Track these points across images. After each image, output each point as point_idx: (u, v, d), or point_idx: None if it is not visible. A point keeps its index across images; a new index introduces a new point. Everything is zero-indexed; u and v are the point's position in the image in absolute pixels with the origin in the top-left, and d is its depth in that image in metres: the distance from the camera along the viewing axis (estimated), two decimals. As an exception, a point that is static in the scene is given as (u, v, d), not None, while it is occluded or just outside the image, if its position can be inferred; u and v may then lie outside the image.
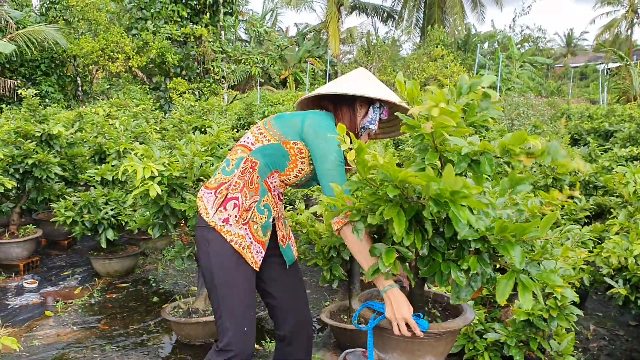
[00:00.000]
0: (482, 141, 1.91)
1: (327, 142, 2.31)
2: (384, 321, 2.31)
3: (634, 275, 3.75)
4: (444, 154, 1.96)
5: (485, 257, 2.07)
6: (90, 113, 7.76)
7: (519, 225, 1.86)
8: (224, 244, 2.41)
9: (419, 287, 2.42)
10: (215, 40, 16.01)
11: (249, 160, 2.42)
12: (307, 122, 2.39)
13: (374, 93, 2.39)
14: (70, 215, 5.45)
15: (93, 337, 4.51)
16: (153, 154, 4.25)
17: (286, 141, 2.40)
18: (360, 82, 2.43)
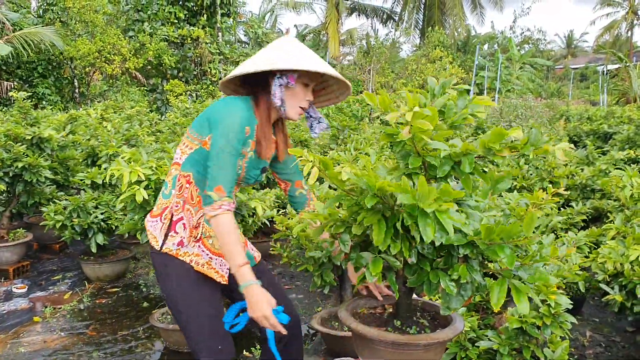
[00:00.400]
0: (463, 142, 1.85)
1: (217, 127, 2.13)
2: (373, 331, 2.26)
3: (630, 281, 3.68)
4: (427, 158, 1.89)
5: (474, 263, 2.01)
6: (83, 115, 7.67)
7: (504, 227, 1.81)
8: (182, 266, 2.31)
9: (406, 297, 2.36)
10: (212, 42, 15.95)
11: (182, 176, 2.29)
12: (208, 111, 2.25)
13: (269, 64, 2.12)
14: (60, 219, 5.37)
15: (80, 344, 4.43)
16: (141, 157, 4.18)
17: (204, 141, 2.22)
18: (266, 56, 2.18)
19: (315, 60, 2.16)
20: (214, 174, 2.11)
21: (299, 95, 2.24)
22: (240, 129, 2.15)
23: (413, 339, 2.23)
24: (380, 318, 2.51)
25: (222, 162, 2.11)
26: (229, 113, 2.15)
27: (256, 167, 2.39)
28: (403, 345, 2.24)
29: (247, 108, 2.21)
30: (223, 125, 2.12)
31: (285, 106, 2.23)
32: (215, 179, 2.10)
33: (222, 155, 2.11)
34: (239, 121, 2.15)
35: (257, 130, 2.26)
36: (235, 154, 2.14)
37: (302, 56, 2.15)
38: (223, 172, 2.11)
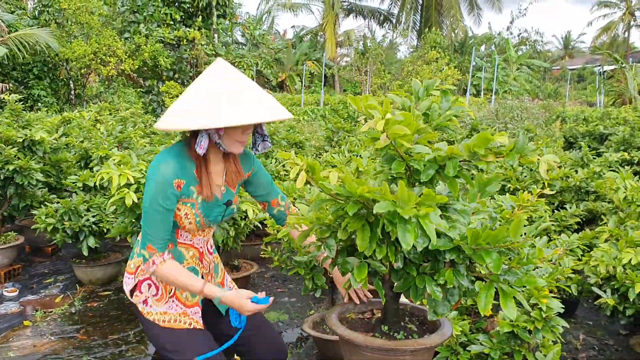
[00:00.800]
0: (448, 146, 1.82)
1: (146, 187, 2.15)
2: (360, 337, 2.23)
3: (622, 284, 3.66)
4: (410, 162, 1.86)
5: (460, 268, 1.99)
6: (76, 117, 7.64)
7: (490, 232, 1.79)
8: (153, 324, 2.36)
9: (393, 302, 2.33)
10: (208, 44, 15.92)
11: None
12: None
13: (190, 122, 2.02)
14: (51, 222, 5.34)
15: (70, 348, 4.40)
16: (130, 160, 4.16)
17: None
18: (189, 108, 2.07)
19: (241, 109, 2.03)
20: (144, 233, 2.16)
21: (236, 134, 2.18)
22: (165, 186, 2.11)
23: (400, 344, 2.20)
24: (368, 323, 2.49)
25: (149, 220, 2.13)
26: (155, 172, 2.12)
27: (216, 206, 2.35)
28: (390, 350, 2.22)
29: (177, 160, 2.16)
30: (149, 184, 2.12)
31: (224, 145, 2.18)
32: (145, 238, 2.15)
33: (149, 214, 2.12)
34: (164, 179, 2.11)
35: (197, 174, 2.22)
36: (161, 210, 2.12)
37: (229, 105, 2.02)
38: (151, 230, 2.13)
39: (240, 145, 2.21)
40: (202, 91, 2.09)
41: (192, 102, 2.08)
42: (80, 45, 15.92)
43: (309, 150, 8.79)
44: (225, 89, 2.07)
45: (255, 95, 2.10)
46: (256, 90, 2.14)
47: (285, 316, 5.07)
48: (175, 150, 2.20)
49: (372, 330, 2.41)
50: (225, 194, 2.37)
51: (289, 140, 8.64)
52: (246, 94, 2.08)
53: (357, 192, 1.68)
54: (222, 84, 2.09)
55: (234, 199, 2.43)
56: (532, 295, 3.22)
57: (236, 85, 2.10)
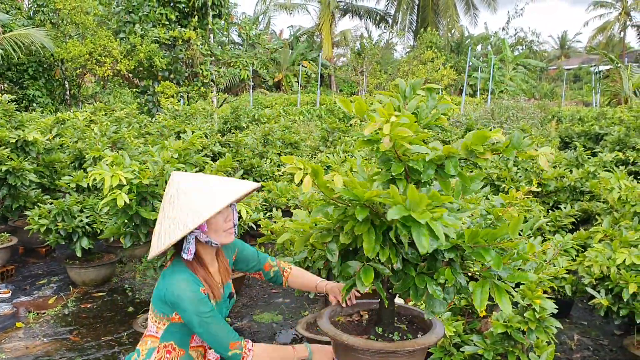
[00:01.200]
0: (445, 145, 1.81)
1: (183, 309, 2.15)
2: (355, 340, 2.21)
3: (616, 285, 3.65)
4: (409, 163, 1.84)
5: (456, 266, 1.98)
6: (70, 118, 7.61)
7: (489, 230, 1.78)
8: None
9: (391, 303, 2.32)
10: (204, 44, 15.87)
11: (161, 347, 2.29)
12: (161, 294, 2.22)
13: (172, 236, 2.12)
14: (44, 223, 5.31)
15: (63, 350, 4.38)
16: (123, 161, 4.13)
17: (172, 317, 2.23)
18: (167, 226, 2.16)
19: (208, 203, 2.12)
20: (217, 342, 2.17)
21: (219, 223, 2.23)
22: (199, 296, 2.16)
23: (401, 345, 2.19)
24: (359, 325, 2.47)
25: (213, 330, 2.16)
26: (183, 293, 2.15)
27: (223, 302, 2.40)
28: (391, 352, 2.21)
29: (186, 274, 2.21)
30: (185, 305, 2.14)
31: (213, 240, 2.24)
32: (222, 343, 2.17)
33: (209, 326, 2.15)
34: (194, 292, 2.15)
35: (202, 280, 2.26)
36: (213, 314, 2.17)
37: (200, 203, 2.13)
38: (222, 333, 2.18)
39: (229, 234, 2.28)
40: (174, 204, 2.17)
41: (167, 219, 2.17)
42: (75, 45, 15.85)
43: (304, 151, 8.78)
44: (197, 187, 2.18)
45: (218, 182, 2.22)
46: (215, 178, 2.24)
47: (280, 317, 5.05)
48: (180, 267, 2.24)
49: (364, 332, 2.40)
50: (225, 288, 2.43)
51: (284, 141, 8.63)
52: (209, 185, 2.19)
53: (365, 196, 1.66)
54: (187, 188, 2.18)
55: (232, 289, 2.49)
56: (526, 295, 3.21)
57: (198, 182, 2.20)
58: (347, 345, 2.25)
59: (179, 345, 2.30)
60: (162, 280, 2.26)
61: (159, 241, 2.17)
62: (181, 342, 2.29)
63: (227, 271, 2.46)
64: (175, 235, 2.10)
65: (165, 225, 2.18)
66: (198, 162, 4.67)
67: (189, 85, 15.97)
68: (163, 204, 2.23)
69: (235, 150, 7.24)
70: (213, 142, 7.41)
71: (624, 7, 45.56)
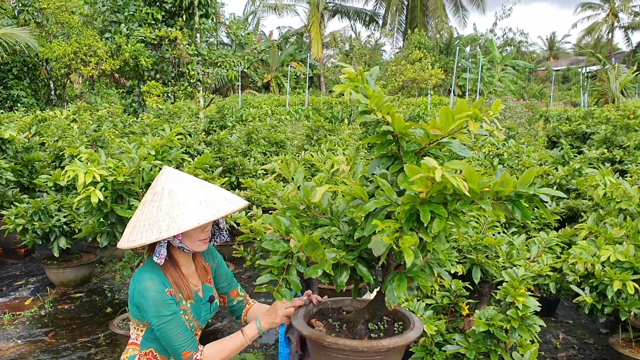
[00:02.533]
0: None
1: (146, 310, 2.10)
2: (318, 334, 2.19)
3: (601, 282, 3.58)
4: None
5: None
6: (51, 117, 7.48)
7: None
8: None
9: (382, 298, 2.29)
10: (190, 43, 15.74)
11: (142, 355, 2.24)
12: (131, 297, 2.18)
13: (144, 237, 2.05)
14: (21, 223, 5.19)
15: (37, 351, 4.27)
16: (98, 158, 4.02)
17: (146, 322, 2.17)
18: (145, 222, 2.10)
19: (190, 213, 2.04)
20: (172, 347, 2.11)
21: (195, 233, 2.17)
22: (163, 296, 2.10)
23: (375, 344, 2.14)
24: (337, 324, 2.40)
25: (169, 334, 2.10)
26: (145, 292, 2.10)
27: (202, 305, 2.33)
28: (365, 351, 2.15)
29: (156, 274, 2.15)
30: (148, 306, 2.09)
31: (186, 246, 2.18)
32: (176, 349, 2.11)
33: (165, 329, 2.09)
34: (157, 293, 2.09)
35: (170, 279, 2.19)
36: (171, 319, 2.10)
37: (181, 211, 2.04)
38: (177, 340, 2.10)
39: (203, 243, 2.22)
40: (156, 203, 2.10)
41: (144, 216, 2.10)
42: (60, 45, 15.66)
43: (290, 150, 8.69)
44: (172, 196, 2.09)
45: (208, 193, 2.13)
46: (207, 189, 2.15)
47: (261, 317, 4.95)
48: (149, 266, 2.18)
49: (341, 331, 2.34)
50: (205, 291, 2.36)
51: (270, 140, 8.54)
52: (198, 195, 2.10)
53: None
54: (173, 190, 2.11)
55: (214, 293, 2.42)
56: (509, 293, 3.14)
57: (187, 188, 2.12)
58: (321, 343, 2.17)
59: (160, 352, 2.23)
60: (132, 281, 2.19)
61: (130, 235, 2.09)
62: (162, 349, 2.22)
63: (205, 271, 2.38)
64: (148, 238, 2.03)
65: (141, 222, 2.10)
66: (176, 159, 4.56)
67: (176, 85, 15.83)
68: (146, 197, 2.16)
69: (217, 149, 7.14)
70: (197, 141, 7.31)
71: (612, 9, 45.84)
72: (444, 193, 1.67)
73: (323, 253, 1.96)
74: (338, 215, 2.28)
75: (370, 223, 1.83)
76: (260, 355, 4.19)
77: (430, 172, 1.57)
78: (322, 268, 1.94)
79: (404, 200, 1.72)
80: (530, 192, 1.67)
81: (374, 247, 1.75)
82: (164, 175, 2.17)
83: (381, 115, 1.85)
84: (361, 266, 2.06)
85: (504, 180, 1.67)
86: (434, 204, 1.69)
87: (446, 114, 1.75)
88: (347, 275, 2.04)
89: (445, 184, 1.59)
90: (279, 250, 2.08)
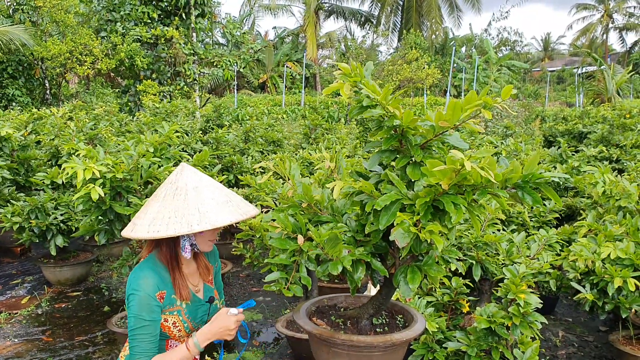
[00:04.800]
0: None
1: (129, 307, 2.09)
2: (329, 332, 2.21)
3: (602, 279, 3.58)
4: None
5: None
6: (47, 115, 7.43)
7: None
8: None
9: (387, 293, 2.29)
10: (186, 43, 15.69)
11: None
12: (127, 288, 2.17)
13: (173, 229, 2.03)
14: (17, 221, 5.14)
15: (34, 350, 4.23)
16: (97, 155, 4.00)
17: None
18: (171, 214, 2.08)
19: (218, 211, 2.05)
20: (132, 350, 2.10)
21: (207, 234, 2.18)
22: (149, 300, 2.08)
23: (377, 340, 2.15)
24: (339, 320, 2.39)
25: (137, 337, 2.08)
26: (136, 288, 2.09)
27: (200, 306, 2.29)
28: (367, 347, 2.15)
29: (154, 272, 2.13)
30: (132, 301, 2.08)
31: (198, 246, 2.19)
32: (133, 355, 2.10)
33: (135, 330, 2.08)
34: (147, 294, 2.08)
35: (171, 278, 2.18)
36: (148, 324, 2.09)
37: (211, 208, 2.05)
38: (139, 347, 2.09)
39: (211, 244, 2.22)
40: (182, 197, 2.09)
41: (168, 209, 2.07)
42: (55, 44, 15.59)
43: (287, 149, 8.67)
44: (198, 192, 2.09)
45: (230, 194, 2.14)
46: (227, 190, 2.17)
47: (259, 316, 4.94)
48: (150, 263, 2.16)
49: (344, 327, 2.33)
50: (205, 291, 2.33)
51: (267, 139, 8.51)
52: (222, 194, 2.11)
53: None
54: (199, 186, 2.11)
55: (215, 294, 2.38)
56: (510, 290, 3.13)
57: (211, 185, 2.13)
58: (334, 341, 2.16)
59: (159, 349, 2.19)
60: (129, 277, 2.17)
61: (152, 226, 2.04)
62: (160, 347, 2.19)
63: (207, 271, 2.36)
64: (177, 230, 2.00)
65: (165, 214, 2.06)
66: (174, 156, 4.54)
67: (172, 84, 15.78)
68: (163, 192, 2.13)
69: (215, 147, 7.12)
70: (194, 140, 7.28)
71: (607, 10, 45.98)
72: (461, 184, 1.67)
73: (341, 249, 1.95)
74: (339, 211, 2.27)
75: (384, 217, 1.82)
76: (260, 353, 4.16)
77: (456, 163, 1.57)
78: (342, 264, 1.93)
79: (422, 193, 1.72)
80: (537, 176, 1.68)
81: (397, 239, 1.75)
82: (186, 171, 2.15)
83: (391, 110, 1.84)
84: (375, 261, 2.04)
85: (513, 168, 1.67)
86: (452, 195, 1.69)
87: (454, 106, 1.75)
88: (364, 270, 2.04)
89: (465, 175, 1.59)
90: (287, 249, 2.07)
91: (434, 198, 1.72)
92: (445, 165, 1.59)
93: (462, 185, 1.69)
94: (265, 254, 3.93)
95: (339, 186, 2.00)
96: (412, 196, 1.79)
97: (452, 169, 1.59)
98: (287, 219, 2.11)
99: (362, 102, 1.95)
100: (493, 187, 1.67)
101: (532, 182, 1.73)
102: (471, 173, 1.57)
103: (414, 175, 1.83)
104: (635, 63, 39.46)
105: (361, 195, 2.04)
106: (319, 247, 1.97)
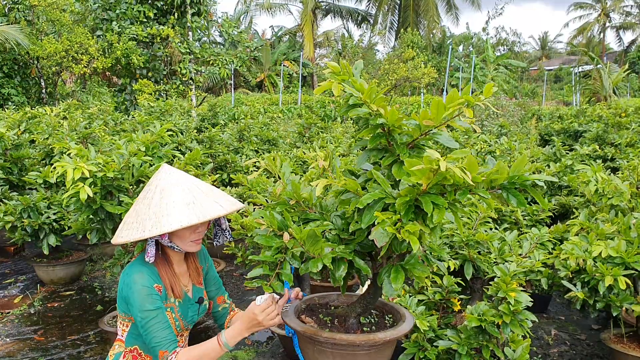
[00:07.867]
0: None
1: (132, 303, 2.08)
2: (313, 330, 2.21)
3: (592, 277, 3.57)
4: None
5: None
6: (41, 114, 7.41)
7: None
8: None
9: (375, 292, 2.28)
10: (182, 41, 15.67)
11: (127, 352, 2.21)
12: (120, 289, 2.16)
13: (135, 234, 2.02)
14: (10, 220, 5.13)
15: (26, 350, 4.22)
16: (88, 154, 3.98)
17: (131, 317, 2.16)
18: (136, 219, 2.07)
19: (175, 214, 2.00)
20: (151, 344, 2.08)
21: (185, 234, 2.14)
22: (149, 291, 2.08)
23: (365, 338, 2.15)
24: (322, 321, 2.39)
25: (150, 330, 2.06)
26: (133, 284, 2.08)
27: (190, 305, 2.29)
28: (355, 345, 2.15)
29: (147, 268, 2.14)
30: (133, 299, 2.07)
31: (176, 245, 2.16)
32: (154, 347, 2.07)
33: (147, 324, 2.06)
34: (145, 287, 2.08)
35: (161, 276, 2.17)
36: (155, 314, 2.08)
37: (167, 212, 2.01)
38: (157, 338, 2.07)
39: (195, 244, 2.19)
40: (147, 200, 2.08)
41: (134, 213, 2.08)
42: (51, 43, 15.56)
43: (282, 148, 8.66)
44: (163, 194, 2.07)
45: (200, 194, 2.09)
46: (200, 190, 2.12)
47: (253, 315, 4.92)
48: (141, 261, 2.16)
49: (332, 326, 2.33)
50: (194, 292, 2.33)
51: (262, 137, 8.50)
52: (188, 196, 2.07)
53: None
54: (165, 188, 2.09)
55: (204, 295, 2.39)
56: (500, 288, 3.13)
57: (178, 187, 2.09)
58: (317, 339, 2.16)
59: (144, 351, 2.20)
60: (122, 274, 2.17)
61: (120, 231, 2.08)
62: (145, 347, 2.18)
63: (197, 273, 2.36)
64: (133, 236, 2.01)
65: (131, 218, 2.08)
66: (167, 155, 4.53)
67: (168, 83, 15.77)
68: (141, 194, 2.14)
69: (209, 146, 7.11)
70: (189, 139, 7.27)
71: (603, 9, 46.02)
72: (443, 184, 1.66)
73: (322, 247, 1.95)
74: (327, 209, 2.27)
75: (367, 216, 1.82)
76: (252, 352, 4.16)
77: (433, 163, 1.56)
78: (322, 262, 1.92)
79: (403, 192, 1.71)
80: (523, 178, 1.67)
81: (375, 239, 1.74)
82: (161, 173, 2.15)
83: (375, 108, 1.83)
84: (358, 259, 2.04)
85: (499, 169, 1.66)
86: (433, 194, 1.68)
87: (437, 104, 1.74)
88: (345, 269, 2.03)
89: (445, 175, 1.58)
90: (272, 246, 2.07)
91: (415, 197, 1.71)
92: (422, 165, 1.58)
93: (444, 185, 1.68)
94: (257, 253, 3.92)
95: (322, 184, 2.00)
96: (396, 195, 1.79)
97: (429, 169, 1.58)
98: (273, 216, 2.10)
99: (348, 100, 1.96)
100: (477, 188, 1.66)
101: (519, 183, 1.73)
102: (450, 173, 1.56)
103: (399, 174, 1.83)
104: (632, 62, 39.51)
105: (347, 194, 2.03)
106: (295, 246, 1.97)
